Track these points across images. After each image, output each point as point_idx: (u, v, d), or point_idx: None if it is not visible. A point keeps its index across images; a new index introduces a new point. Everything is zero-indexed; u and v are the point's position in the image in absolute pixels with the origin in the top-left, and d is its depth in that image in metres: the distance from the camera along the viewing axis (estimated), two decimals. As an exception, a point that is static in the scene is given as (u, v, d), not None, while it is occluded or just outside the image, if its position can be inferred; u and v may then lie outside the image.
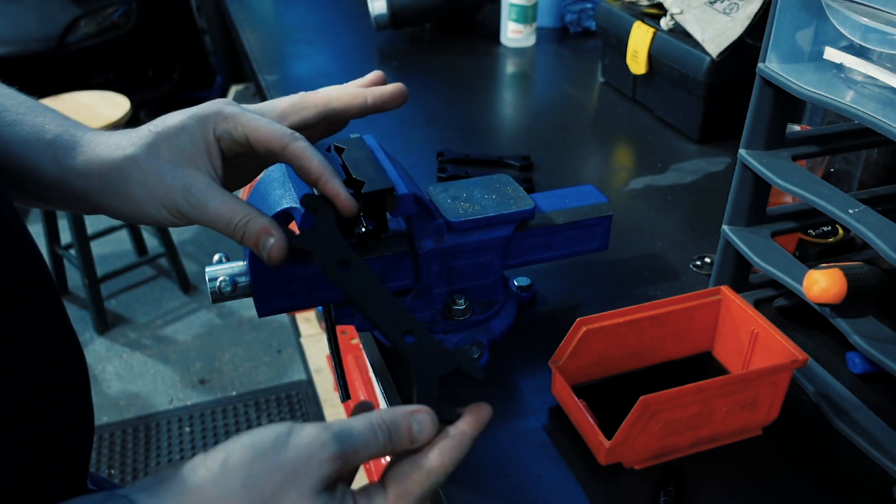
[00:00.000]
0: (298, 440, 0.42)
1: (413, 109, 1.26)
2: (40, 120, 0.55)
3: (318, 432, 0.42)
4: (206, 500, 0.40)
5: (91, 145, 0.54)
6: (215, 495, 0.40)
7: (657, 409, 0.57)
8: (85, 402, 0.58)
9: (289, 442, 0.42)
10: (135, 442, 2.10)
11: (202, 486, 0.40)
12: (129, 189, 0.53)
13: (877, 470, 0.61)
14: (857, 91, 0.60)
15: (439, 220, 0.68)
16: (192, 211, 0.52)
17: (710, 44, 1.04)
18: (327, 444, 0.42)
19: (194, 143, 0.53)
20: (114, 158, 0.53)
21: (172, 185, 0.52)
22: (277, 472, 0.40)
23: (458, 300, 0.71)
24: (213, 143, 0.54)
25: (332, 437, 0.42)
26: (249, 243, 0.53)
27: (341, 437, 0.43)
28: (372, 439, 0.44)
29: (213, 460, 0.41)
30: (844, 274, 0.60)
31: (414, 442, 0.45)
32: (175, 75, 3.69)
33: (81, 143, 0.54)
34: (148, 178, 0.52)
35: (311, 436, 0.42)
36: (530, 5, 1.47)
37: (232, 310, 2.58)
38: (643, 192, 1.01)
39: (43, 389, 0.52)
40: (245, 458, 0.41)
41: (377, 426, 0.44)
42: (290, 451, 0.41)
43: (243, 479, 0.40)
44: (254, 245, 0.53)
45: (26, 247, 0.51)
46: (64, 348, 0.55)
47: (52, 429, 0.53)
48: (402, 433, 0.45)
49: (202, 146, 0.53)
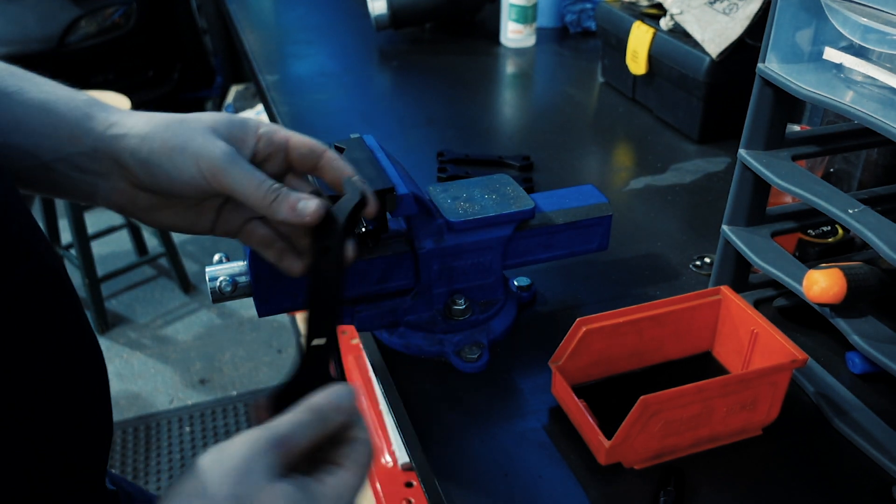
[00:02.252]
0: (234, 446, 0.44)
1: (413, 109, 1.26)
2: (69, 90, 0.56)
3: (248, 434, 0.45)
4: None
5: (128, 111, 0.55)
6: None
7: (657, 409, 0.57)
8: (103, 399, 0.58)
9: (226, 450, 0.44)
10: (135, 442, 2.10)
11: None
12: (166, 135, 0.53)
13: (877, 470, 0.61)
14: (856, 91, 0.60)
15: (439, 220, 0.68)
16: (229, 168, 0.53)
17: (709, 44, 1.04)
18: (259, 438, 0.44)
19: (235, 130, 0.55)
20: (158, 116, 0.54)
21: (215, 145, 0.53)
22: (226, 479, 0.42)
23: (458, 300, 0.71)
24: (250, 139, 0.56)
25: (261, 430, 0.45)
26: (283, 206, 0.54)
27: (270, 428, 0.45)
28: (301, 421, 0.46)
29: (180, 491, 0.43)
30: (844, 274, 0.60)
31: (339, 410, 0.48)
32: (175, 75, 3.69)
33: (118, 107, 0.56)
34: (193, 135, 0.53)
35: (244, 437, 0.44)
36: (530, 5, 1.47)
37: (232, 310, 2.58)
38: (643, 192, 1.01)
39: (58, 388, 0.52)
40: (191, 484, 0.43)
41: (301, 410, 0.47)
42: (233, 456, 0.43)
43: (198, 494, 0.42)
44: (290, 208, 0.54)
45: (31, 246, 0.51)
46: (77, 346, 0.55)
47: (69, 427, 0.53)
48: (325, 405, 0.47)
49: (241, 135, 0.55)
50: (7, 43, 3.10)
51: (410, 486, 1.39)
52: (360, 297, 0.70)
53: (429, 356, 0.71)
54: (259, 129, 0.57)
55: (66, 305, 0.54)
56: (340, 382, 0.50)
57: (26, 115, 0.54)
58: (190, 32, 3.80)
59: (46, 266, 0.52)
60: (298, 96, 1.29)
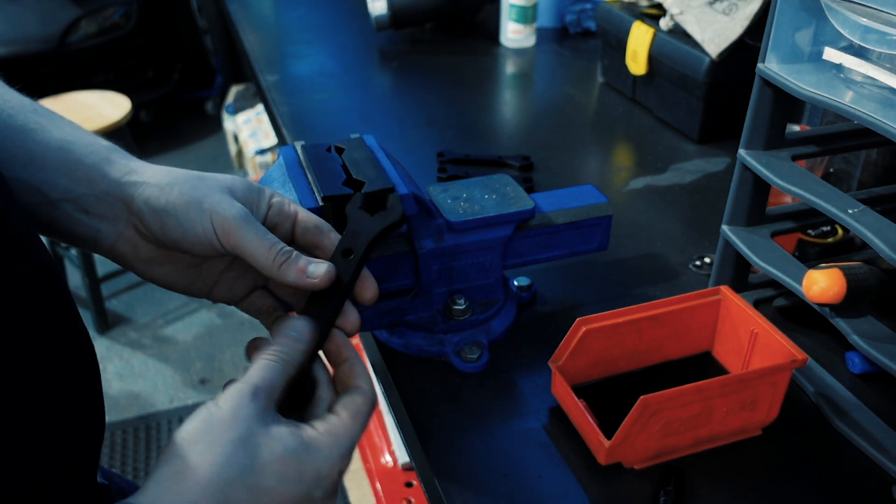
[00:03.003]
0: (224, 398, 0.47)
1: (413, 109, 1.26)
2: (88, 133, 0.56)
3: (232, 387, 0.47)
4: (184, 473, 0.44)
5: (147, 163, 0.56)
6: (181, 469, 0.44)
7: (657, 409, 0.57)
8: (95, 398, 0.58)
9: (218, 403, 0.47)
10: (135, 442, 2.10)
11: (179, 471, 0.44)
12: (185, 187, 0.54)
13: (877, 470, 0.61)
14: (856, 91, 0.60)
15: (439, 220, 0.68)
16: (242, 227, 0.53)
17: (709, 44, 1.04)
18: (243, 388, 0.47)
19: (253, 194, 0.56)
20: (180, 171, 0.55)
21: (231, 204, 0.53)
22: (223, 431, 0.45)
23: (458, 300, 0.71)
24: (264, 203, 0.57)
25: (243, 381, 0.47)
26: (292, 269, 0.54)
27: (250, 378, 0.48)
28: (265, 365, 0.48)
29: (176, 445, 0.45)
30: (844, 274, 0.60)
31: (298, 340, 0.51)
32: (175, 75, 3.69)
33: (137, 158, 0.56)
34: (210, 192, 0.53)
35: (229, 391, 0.47)
36: (530, 5, 1.47)
37: (232, 310, 2.58)
38: (643, 192, 1.01)
39: (52, 386, 0.53)
40: (195, 431, 0.46)
41: (268, 356, 0.49)
42: (222, 408, 0.46)
43: (202, 449, 0.45)
44: (299, 271, 0.54)
45: (28, 245, 0.51)
46: (72, 346, 0.56)
47: (61, 425, 0.54)
48: (290, 342, 0.50)
49: (258, 200, 0.56)
50: (7, 43, 3.11)
51: (410, 486, 1.39)
52: (360, 297, 0.70)
53: (429, 356, 0.71)
54: (272, 198, 0.57)
55: (63, 304, 0.54)
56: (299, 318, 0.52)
57: (43, 153, 0.54)
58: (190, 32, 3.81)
59: (44, 265, 0.52)
60: (298, 96, 1.29)
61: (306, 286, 0.54)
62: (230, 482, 0.44)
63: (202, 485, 0.44)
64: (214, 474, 0.44)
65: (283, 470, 0.46)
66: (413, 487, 1.39)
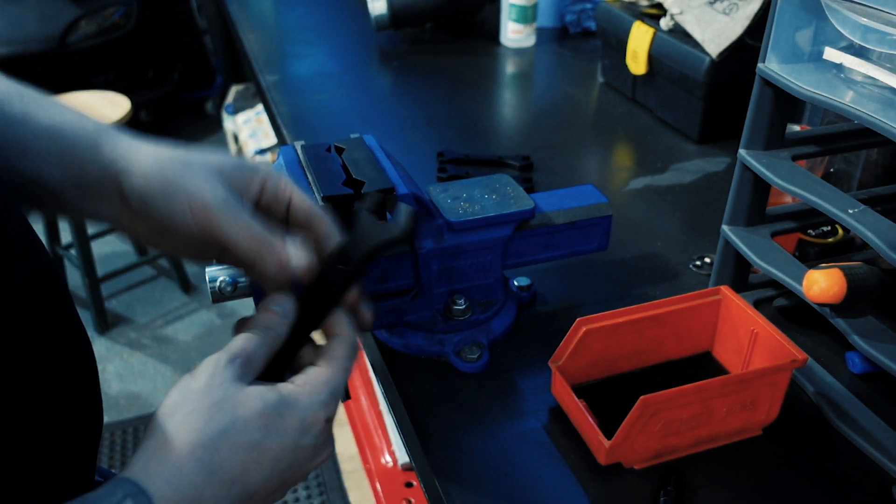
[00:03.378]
0: (201, 369, 0.48)
1: (413, 109, 1.26)
2: (76, 113, 0.56)
3: (209, 358, 0.48)
4: (160, 446, 0.45)
5: (136, 140, 0.56)
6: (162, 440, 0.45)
7: (657, 409, 0.57)
8: (94, 397, 0.58)
9: (194, 374, 0.48)
10: (135, 442, 2.10)
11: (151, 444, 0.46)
12: (169, 173, 0.53)
13: (877, 470, 0.61)
14: (856, 91, 0.60)
15: (439, 220, 0.68)
16: (221, 214, 0.52)
17: (710, 44, 1.04)
18: (220, 357, 0.48)
19: (244, 175, 0.55)
20: (165, 152, 0.54)
21: (213, 189, 0.52)
22: (198, 395, 0.46)
23: (458, 300, 0.71)
24: (254, 187, 0.55)
25: (222, 350, 0.48)
26: (271, 261, 0.53)
27: (229, 348, 0.49)
28: (248, 336, 0.49)
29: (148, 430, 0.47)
30: (844, 274, 0.60)
31: (284, 315, 0.52)
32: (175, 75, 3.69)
33: (124, 134, 0.56)
34: (193, 177, 0.52)
35: (205, 361, 0.48)
36: (530, 5, 1.47)
37: (232, 310, 2.58)
38: (643, 192, 1.01)
39: (50, 385, 0.53)
40: (173, 403, 0.47)
41: (251, 327, 0.50)
42: (198, 379, 0.47)
43: (179, 418, 0.46)
44: (278, 264, 0.53)
45: (29, 245, 0.51)
46: (71, 345, 0.56)
47: (59, 424, 0.54)
48: (272, 316, 0.51)
49: (244, 182, 0.55)
50: (7, 43, 3.10)
51: (410, 486, 1.39)
52: (360, 297, 0.70)
53: (429, 356, 0.71)
54: (266, 178, 0.55)
55: (62, 304, 0.54)
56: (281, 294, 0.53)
57: (34, 143, 0.54)
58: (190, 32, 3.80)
59: (44, 265, 0.52)
60: (298, 96, 1.29)
61: (285, 279, 0.53)
62: (214, 443, 0.45)
63: (186, 450, 0.45)
64: (197, 438, 0.45)
65: (266, 424, 0.47)
66: (413, 487, 1.38)
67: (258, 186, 0.55)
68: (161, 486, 0.44)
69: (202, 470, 0.45)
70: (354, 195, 0.62)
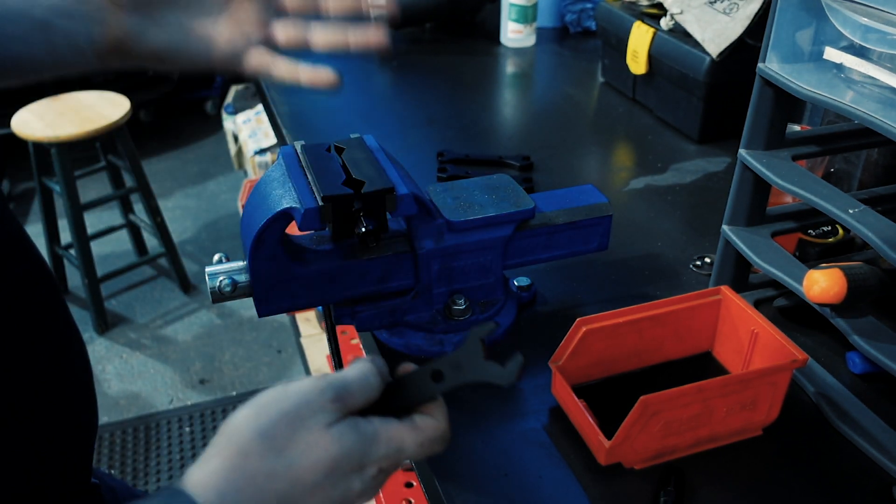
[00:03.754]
0: (297, 389, 0.46)
1: (413, 109, 1.26)
2: None
3: (314, 381, 0.47)
4: (227, 458, 0.44)
5: None
6: (232, 452, 0.44)
7: (657, 409, 0.57)
8: (88, 397, 0.58)
9: (288, 392, 0.46)
10: (135, 442, 2.10)
11: (221, 450, 0.45)
12: None
13: (877, 470, 0.61)
14: (857, 91, 0.60)
15: (439, 220, 0.68)
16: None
17: (710, 44, 1.04)
18: (325, 390, 0.46)
19: None
20: None
21: None
22: (283, 419, 0.45)
23: (458, 300, 0.71)
24: None
25: (327, 384, 0.47)
26: None
27: (335, 383, 0.47)
28: (364, 382, 0.48)
29: (224, 426, 0.46)
30: (844, 274, 0.60)
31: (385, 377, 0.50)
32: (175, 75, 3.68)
33: None
34: None
35: (309, 384, 0.46)
36: (530, 5, 1.46)
37: (232, 310, 2.58)
38: (643, 192, 1.01)
39: (45, 385, 0.53)
40: (251, 414, 0.45)
41: (367, 372, 0.49)
42: (290, 399, 0.46)
43: (254, 430, 0.44)
44: None
45: (25, 246, 0.51)
46: (66, 345, 0.56)
47: (54, 424, 0.54)
48: (385, 374, 0.50)
49: None
50: (7, 43, 3.10)
51: (410, 486, 1.39)
52: (360, 297, 0.70)
53: (429, 356, 0.71)
54: None
55: (56, 304, 0.54)
56: None
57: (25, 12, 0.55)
58: (190, 32, 3.79)
59: (38, 265, 0.52)
60: (298, 96, 1.29)
61: None
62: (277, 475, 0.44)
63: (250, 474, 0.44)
64: (263, 467, 0.44)
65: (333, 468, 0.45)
66: (413, 488, 1.38)
67: None
68: None
69: (257, 497, 0.44)
70: (354, 195, 0.62)
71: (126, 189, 2.53)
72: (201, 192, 3.29)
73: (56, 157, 2.22)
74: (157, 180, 3.24)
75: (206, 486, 0.43)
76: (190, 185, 3.33)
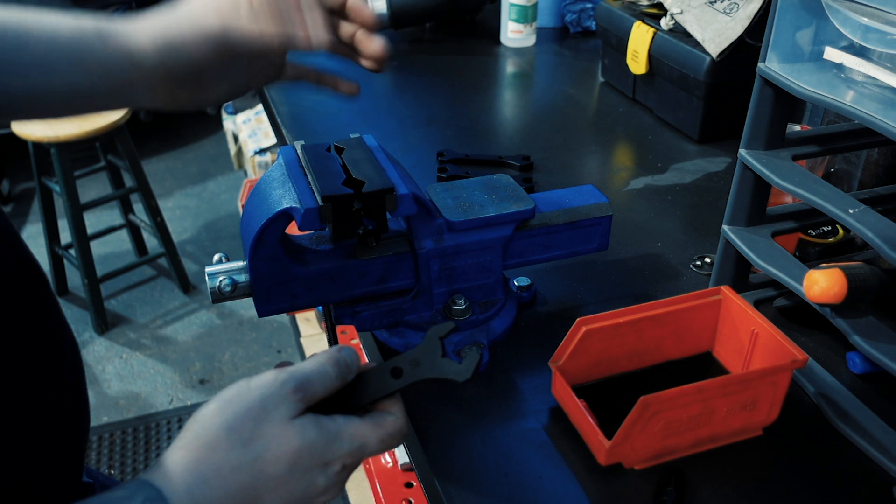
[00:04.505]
0: (259, 383, 0.48)
1: (413, 109, 1.26)
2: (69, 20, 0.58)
3: (275, 374, 0.48)
4: (195, 451, 0.45)
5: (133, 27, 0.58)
6: (200, 445, 0.46)
7: (657, 409, 0.57)
8: (79, 397, 0.58)
9: (251, 386, 0.48)
10: (135, 442, 2.10)
11: (189, 444, 0.46)
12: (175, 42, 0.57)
13: (877, 470, 0.61)
14: (857, 91, 0.60)
15: (439, 220, 0.68)
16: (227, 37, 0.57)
17: (710, 44, 1.04)
18: (286, 382, 0.48)
19: None
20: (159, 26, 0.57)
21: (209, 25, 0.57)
22: (248, 413, 0.46)
23: (458, 300, 0.71)
24: None
25: (288, 375, 0.48)
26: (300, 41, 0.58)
27: (296, 374, 0.49)
28: (322, 372, 0.50)
29: (191, 422, 0.47)
30: (844, 274, 0.60)
31: (349, 368, 0.52)
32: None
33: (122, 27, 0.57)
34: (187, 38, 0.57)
35: (270, 377, 0.48)
36: (530, 5, 1.46)
37: (232, 310, 2.58)
38: (643, 192, 1.01)
39: (41, 381, 0.52)
40: (216, 408, 0.47)
41: (324, 362, 0.51)
42: (253, 392, 0.47)
43: (220, 425, 0.46)
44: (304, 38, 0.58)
45: (13, 243, 0.52)
46: (56, 343, 0.56)
47: (43, 423, 0.54)
48: (343, 363, 0.52)
49: None
50: (7, 43, 3.10)
51: (410, 486, 1.39)
52: (360, 297, 0.70)
53: (429, 356, 0.71)
54: None
55: (46, 302, 0.54)
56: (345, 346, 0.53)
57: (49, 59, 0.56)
58: (190, 32, 3.79)
59: (28, 261, 0.53)
60: (298, 96, 1.29)
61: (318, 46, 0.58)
62: (243, 468, 0.46)
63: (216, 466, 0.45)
64: (229, 459, 0.46)
65: (295, 461, 0.47)
66: (413, 488, 1.38)
67: None
68: (182, 498, 0.44)
69: (224, 489, 0.45)
70: (354, 195, 0.62)
71: (126, 189, 2.53)
72: (201, 192, 3.29)
73: (56, 157, 2.22)
74: (156, 180, 3.24)
75: (173, 478, 0.45)
76: (190, 185, 3.33)
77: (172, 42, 0.57)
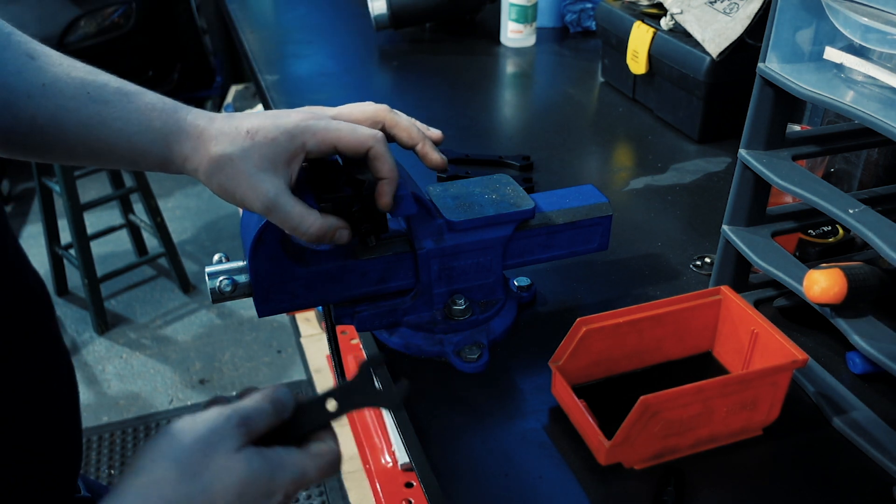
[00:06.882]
0: (205, 418, 0.49)
1: (413, 109, 1.26)
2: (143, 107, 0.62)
3: (219, 410, 0.50)
4: (144, 486, 0.46)
5: (197, 133, 0.62)
6: (148, 479, 0.46)
7: (657, 410, 0.57)
8: (73, 419, 0.59)
9: (196, 421, 0.49)
10: (135, 442, 2.10)
11: (137, 478, 0.47)
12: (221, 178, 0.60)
13: (877, 470, 0.61)
14: (857, 91, 0.60)
15: (439, 220, 0.68)
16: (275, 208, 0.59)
17: (710, 44, 1.04)
18: (230, 417, 0.49)
19: (280, 156, 0.60)
20: (214, 153, 0.60)
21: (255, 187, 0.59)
22: (195, 445, 0.47)
23: (458, 300, 0.71)
24: (298, 156, 0.61)
25: (232, 411, 0.50)
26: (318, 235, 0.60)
27: (239, 410, 0.50)
28: (260, 409, 0.52)
29: (137, 457, 0.48)
30: (844, 274, 0.60)
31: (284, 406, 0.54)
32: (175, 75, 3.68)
33: (187, 130, 0.62)
34: (237, 176, 0.59)
35: (215, 413, 0.49)
36: (530, 5, 1.46)
37: (232, 310, 2.58)
38: (643, 192, 1.01)
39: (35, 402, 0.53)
40: (164, 443, 0.48)
41: (261, 400, 0.52)
42: (199, 426, 0.49)
43: (169, 458, 0.47)
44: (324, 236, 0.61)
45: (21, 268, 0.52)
46: (54, 362, 0.56)
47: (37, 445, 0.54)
48: (279, 402, 0.53)
49: (286, 158, 0.60)
50: (7, 43, 3.10)
51: (410, 486, 1.39)
52: (360, 297, 0.70)
53: (429, 356, 0.71)
54: (305, 141, 0.60)
55: (47, 324, 0.55)
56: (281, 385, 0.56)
57: (109, 151, 0.60)
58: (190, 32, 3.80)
59: (31, 288, 0.53)
60: (298, 96, 1.29)
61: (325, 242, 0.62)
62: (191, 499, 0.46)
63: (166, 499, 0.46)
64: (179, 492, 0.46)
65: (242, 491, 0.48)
66: (413, 488, 1.38)
67: (301, 152, 0.60)
68: None
69: None
70: (354, 195, 0.62)
71: (126, 189, 2.52)
72: (201, 192, 3.28)
73: (56, 157, 2.22)
74: (156, 180, 3.24)
75: None
76: (190, 185, 3.33)
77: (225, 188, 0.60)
